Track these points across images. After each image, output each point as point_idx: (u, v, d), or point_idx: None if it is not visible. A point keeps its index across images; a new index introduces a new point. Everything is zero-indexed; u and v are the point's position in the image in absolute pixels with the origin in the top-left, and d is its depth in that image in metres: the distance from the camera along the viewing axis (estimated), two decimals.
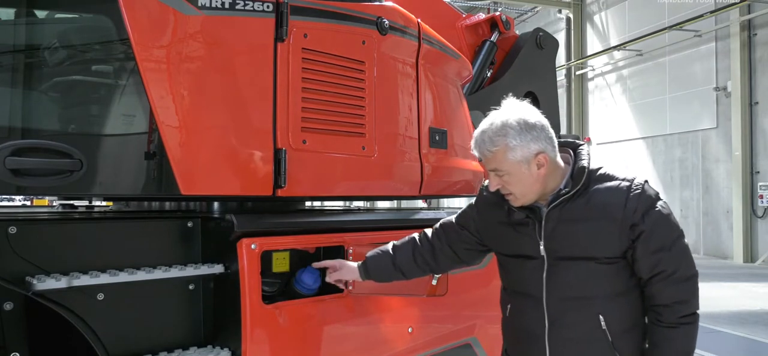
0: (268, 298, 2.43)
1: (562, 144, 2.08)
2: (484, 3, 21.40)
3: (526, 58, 4.44)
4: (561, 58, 19.80)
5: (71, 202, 4.32)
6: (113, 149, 2.16)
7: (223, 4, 2.26)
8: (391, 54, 2.85)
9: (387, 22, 2.78)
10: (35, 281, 1.95)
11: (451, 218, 2.39)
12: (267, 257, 2.40)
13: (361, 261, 2.47)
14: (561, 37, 20.00)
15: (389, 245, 2.44)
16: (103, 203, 4.70)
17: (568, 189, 1.98)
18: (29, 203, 7.28)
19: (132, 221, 2.53)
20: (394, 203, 11.98)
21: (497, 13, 4.46)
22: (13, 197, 5.87)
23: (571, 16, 20.99)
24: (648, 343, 2.00)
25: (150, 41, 2.12)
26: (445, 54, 3.27)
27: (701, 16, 15.93)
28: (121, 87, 2.23)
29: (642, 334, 2.02)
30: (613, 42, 19.24)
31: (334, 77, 2.58)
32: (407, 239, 2.44)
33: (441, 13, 4.20)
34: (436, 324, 3.03)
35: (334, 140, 2.59)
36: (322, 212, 3.18)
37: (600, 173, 2.00)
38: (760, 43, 15.16)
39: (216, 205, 2.59)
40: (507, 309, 2.20)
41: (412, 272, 2.41)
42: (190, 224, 2.44)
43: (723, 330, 7.78)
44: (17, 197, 5.92)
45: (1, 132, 1.96)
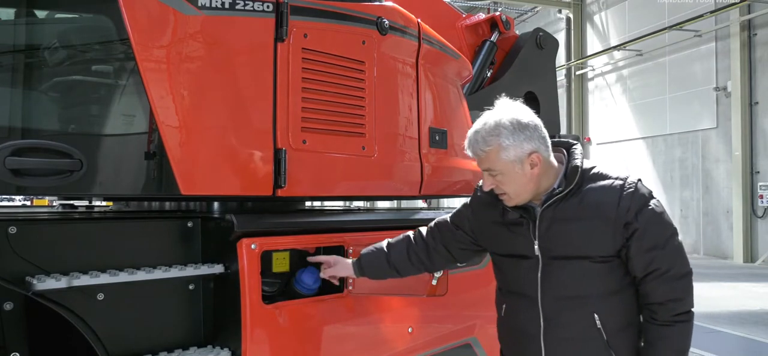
0: (268, 298, 2.43)
1: (556, 144, 2.08)
2: (484, 3, 21.40)
3: (526, 58, 4.44)
4: (561, 58, 19.80)
5: (71, 202, 4.32)
6: (113, 149, 2.16)
7: (223, 4, 2.26)
8: (391, 54, 2.85)
9: (387, 22, 2.78)
10: (35, 281, 1.95)
11: (446, 217, 2.39)
12: (267, 257, 2.40)
13: (355, 258, 2.47)
14: (561, 37, 19.99)
15: (384, 242, 2.44)
16: (103, 203, 4.69)
17: (562, 189, 1.98)
18: (29, 203, 7.27)
19: (132, 221, 2.53)
20: (394, 203, 11.98)
21: (497, 13, 4.47)
22: (13, 197, 5.87)
23: (571, 16, 21.00)
24: (643, 342, 2.00)
25: (150, 41, 2.12)
26: (445, 54, 3.27)
27: (701, 16, 15.93)
28: (121, 87, 2.23)
29: (637, 333, 2.03)
30: (613, 42, 19.24)
31: (334, 77, 2.58)
32: (402, 237, 2.45)
33: (441, 13, 4.20)
34: (436, 324, 3.03)
35: (334, 140, 2.59)
36: (322, 212, 3.18)
37: (593, 172, 2.01)
38: (760, 43, 15.16)
39: (216, 205, 2.59)
40: (502, 308, 2.21)
41: (406, 270, 2.41)
42: (190, 224, 2.44)
43: (723, 330, 7.78)
44: (17, 197, 5.91)
45: (1, 132, 1.96)
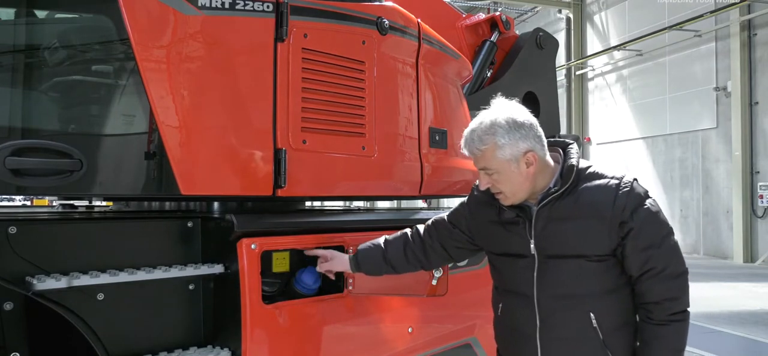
0: (268, 298, 2.43)
1: (552, 143, 2.09)
2: (484, 3, 21.40)
3: (526, 58, 4.44)
4: (561, 58, 19.80)
5: (71, 202, 4.32)
6: (113, 149, 2.16)
7: (223, 4, 2.26)
8: (391, 54, 2.85)
9: (387, 22, 2.78)
10: (35, 281, 1.95)
11: (444, 216, 2.39)
12: (267, 257, 2.40)
13: (352, 254, 2.48)
14: (561, 37, 19.99)
15: (381, 239, 2.45)
16: (103, 203, 4.69)
17: (558, 188, 1.99)
18: (29, 203, 7.27)
19: (132, 221, 2.53)
20: (394, 203, 11.98)
21: (497, 13, 4.47)
22: (13, 197, 5.87)
23: (571, 16, 21.00)
24: (639, 341, 2.00)
25: (150, 41, 2.12)
26: (445, 54, 3.27)
27: (701, 16, 15.93)
28: (121, 87, 2.23)
29: (633, 332, 2.03)
30: (613, 42, 19.24)
31: (334, 77, 2.58)
32: (399, 234, 2.45)
33: (441, 13, 4.20)
34: (436, 324, 3.03)
35: (334, 140, 2.59)
36: (322, 212, 3.18)
37: (589, 171, 2.01)
38: (760, 43, 15.16)
39: (216, 205, 2.59)
40: (498, 308, 2.21)
41: (402, 267, 2.41)
42: (190, 224, 2.44)
43: (723, 330, 7.78)
44: (17, 197, 5.91)
45: (1, 132, 1.96)
